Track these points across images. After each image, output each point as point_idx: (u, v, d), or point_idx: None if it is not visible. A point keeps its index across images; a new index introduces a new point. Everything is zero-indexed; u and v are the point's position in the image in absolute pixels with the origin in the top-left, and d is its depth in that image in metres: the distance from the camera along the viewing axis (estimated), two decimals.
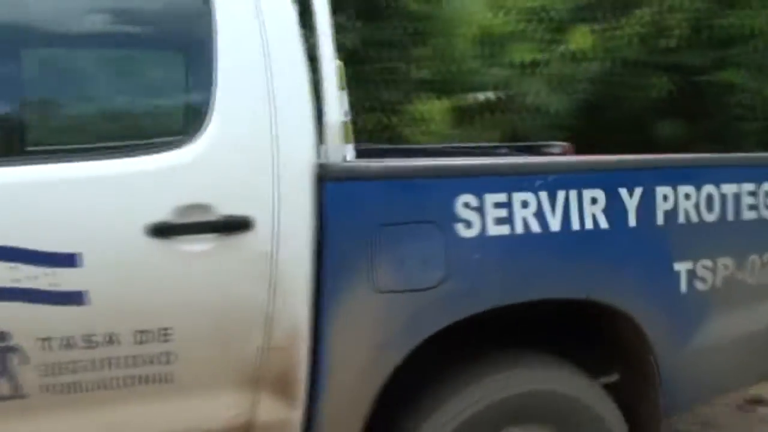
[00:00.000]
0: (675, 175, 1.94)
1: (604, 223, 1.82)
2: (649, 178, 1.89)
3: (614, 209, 1.83)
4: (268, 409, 1.61)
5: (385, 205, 1.65)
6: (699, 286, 1.97)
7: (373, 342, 1.65)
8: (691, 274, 1.95)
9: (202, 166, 1.54)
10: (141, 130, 1.68)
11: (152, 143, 1.55)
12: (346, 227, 1.62)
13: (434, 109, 6.16)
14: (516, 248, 1.75)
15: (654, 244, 1.91)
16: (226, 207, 1.53)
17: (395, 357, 1.65)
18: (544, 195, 1.75)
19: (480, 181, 1.73)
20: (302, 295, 1.59)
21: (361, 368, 1.65)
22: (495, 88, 5.95)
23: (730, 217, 2.01)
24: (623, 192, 1.84)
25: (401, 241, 1.65)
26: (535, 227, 1.74)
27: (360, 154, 2.29)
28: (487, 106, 6.03)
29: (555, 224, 1.76)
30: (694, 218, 1.95)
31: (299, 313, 1.59)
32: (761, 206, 2.07)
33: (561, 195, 1.77)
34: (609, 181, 1.84)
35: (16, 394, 1.43)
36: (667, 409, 1.95)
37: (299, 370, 1.61)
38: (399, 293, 1.65)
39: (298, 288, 1.59)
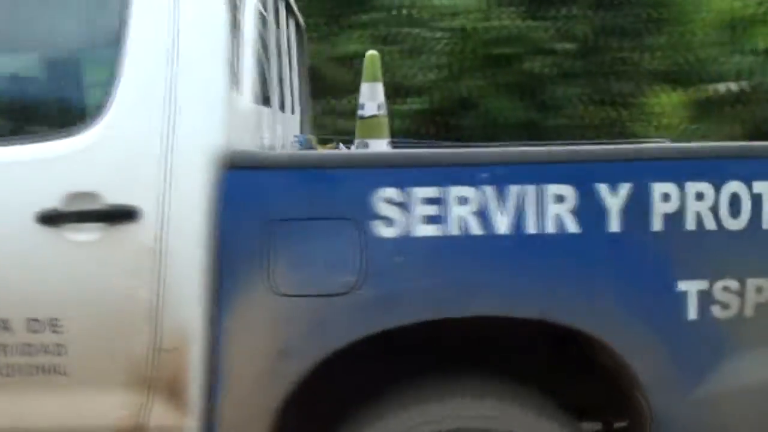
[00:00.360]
0: (681, 169, 1.51)
1: (572, 227, 1.46)
2: (641, 171, 1.49)
3: (588, 210, 1.46)
4: (160, 413, 1.50)
5: (286, 197, 1.47)
6: (718, 313, 1.51)
7: (272, 349, 1.47)
8: (706, 297, 1.50)
9: (94, 155, 1.49)
10: (38, 118, 1.66)
11: (47, 131, 1.53)
12: (243, 221, 1.46)
13: (668, 101, 5.91)
14: (449, 253, 1.46)
15: (646, 256, 1.50)
16: (113, 196, 1.45)
17: (297, 367, 1.46)
18: (490, 190, 1.45)
19: (405, 173, 1.47)
20: (193, 293, 1.46)
21: (260, 376, 1.48)
22: (737, 78, 5.43)
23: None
24: (602, 188, 1.46)
25: (305, 239, 1.45)
26: (475, 228, 1.45)
27: None
28: (728, 98, 5.56)
29: (503, 226, 1.45)
30: (711, 225, 1.50)
31: (190, 313, 1.47)
32: None
33: (514, 191, 1.45)
34: (582, 175, 1.48)
35: None
36: None
37: (191, 375, 1.48)
38: (301, 297, 1.45)
39: (188, 285, 1.46)
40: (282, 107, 2.40)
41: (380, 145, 2.53)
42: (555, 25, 6.28)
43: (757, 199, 1.51)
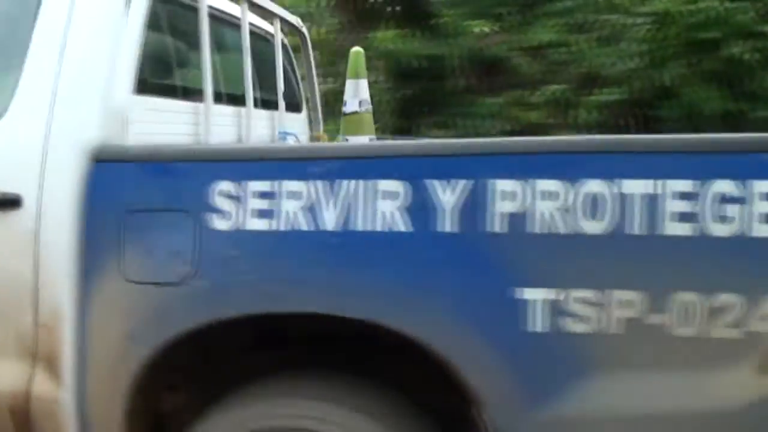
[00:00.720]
0: (527, 165, 1.35)
1: (402, 225, 1.38)
2: (479, 167, 1.36)
3: (420, 208, 1.37)
4: (41, 384, 1.66)
5: (137, 189, 1.56)
6: (571, 326, 1.33)
7: (122, 333, 1.57)
8: (555, 308, 1.33)
9: None
10: None
11: None
12: (104, 211, 1.57)
13: None
14: (277, 247, 1.45)
15: (484, 260, 1.36)
16: (3, 185, 1.63)
17: (144, 351, 1.54)
18: (320, 185, 1.42)
19: (242, 167, 1.49)
20: (64, 276, 1.60)
21: (115, 357, 1.58)
22: None
23: (638, 230, 1.31)
24: (436, 186, 1.36)
25: (150, 229, 1.53)
26: (303, 224, 1.42)
27: None
28: None
29: (331, 222, 1.41)
30: (562, 228, 1.33)
31: (61, 294, 1.61)
32: (706, 217, 1.29)
33: (344, 186, 1.41)
34: (415, 170, 1.39)
35: None
36: None
37: (64, 351, 1.62)
38: (146, 285, 1.53)
39: (60, 269, 1.60)
40: (263, 105, 2.51)
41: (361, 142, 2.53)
42: (755, 6, 5.77)
43: (624, 200, 1.31)
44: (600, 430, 1.37)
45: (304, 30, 2.95)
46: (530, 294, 1.34)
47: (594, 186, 1.32)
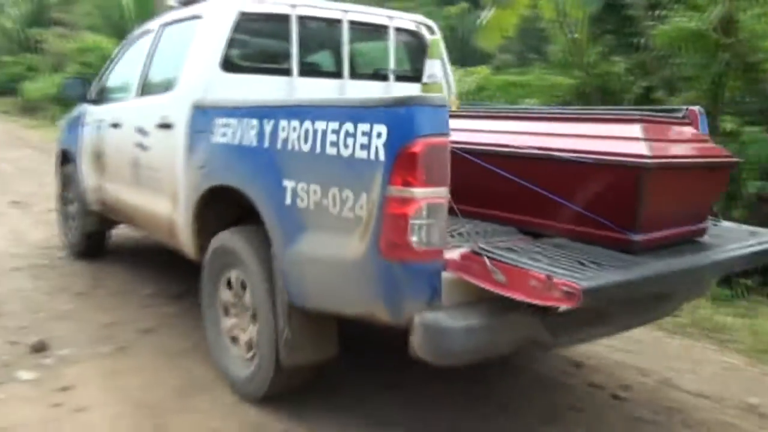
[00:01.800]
0: (290, 113, 2.46)
1: (255, 142, 2.67)
2: (277, 114, 2.54)
3: (260, 134, 2.63)
4: (171, 208, 3.46)
5: (198, 121, 3.18)
6: (299, 202, 2.42)
7: (191, 187, 3.22)
8: (294, 192, 2.44)
9: None
10: None
11: None
12: (190, 132, 3.24)
13: None
14: (220, 151, 2.90)
15: (275, 162, 2.53)
16: None
17: (195, 196, 3.17)
18: (236, 121, 2.80)
19: (221, 111, 2.96)
20: (181, 155, 3.34)
21: (191, 198, 3.25)
22: None
23: (318, 150, 2.30)
24: (264, 123, 2.60)
25: (198, 141, 3.14)
26: (230, 140, 2.84)
27: None
28: None
29: (236, 139, 2.79)
30: (296, 147, 2.41)
31: (180, 164, 3.34)
32: (340, 145, 2.20)
33: (241, 122, 2.76)
34: (261, 114, 2.64)
35: None
36: (292, 297, 2.52)
37: (179, 190, 3.38)
38: (194, 168, 3.16)
39: (180, 153, 3.35)
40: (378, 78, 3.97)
41: None
42: None
43: (315, 133, 2.34)
44: (302, 263, 2.44)
45: (434, 28, 4.11)
46: (287, 183, 2.47)
47: (307, 125, 2.37)
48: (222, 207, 3.09)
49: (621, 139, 2.33)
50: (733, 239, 2.66)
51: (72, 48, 17.58)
